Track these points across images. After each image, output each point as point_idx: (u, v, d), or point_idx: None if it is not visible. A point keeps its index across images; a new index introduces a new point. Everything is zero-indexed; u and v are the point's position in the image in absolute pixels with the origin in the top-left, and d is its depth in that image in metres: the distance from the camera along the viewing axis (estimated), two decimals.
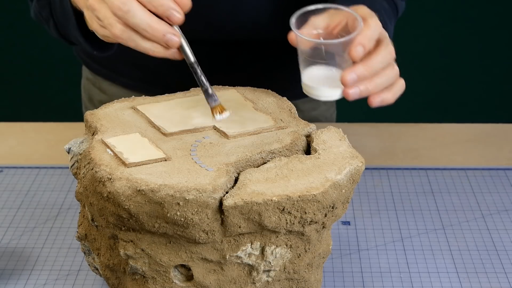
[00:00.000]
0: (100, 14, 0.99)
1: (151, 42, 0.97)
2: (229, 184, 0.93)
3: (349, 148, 1.00)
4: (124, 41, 0.98)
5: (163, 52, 0.98)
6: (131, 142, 1.00)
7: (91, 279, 1.10)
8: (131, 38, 0.97)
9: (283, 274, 0.98)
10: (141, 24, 0.96)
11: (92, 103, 1.58)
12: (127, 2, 0.95)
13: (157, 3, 0.95)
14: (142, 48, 0.98)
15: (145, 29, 0.96)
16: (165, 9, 0.95)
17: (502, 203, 1.28)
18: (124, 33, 0.97)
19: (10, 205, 1.28)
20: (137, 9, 0.96)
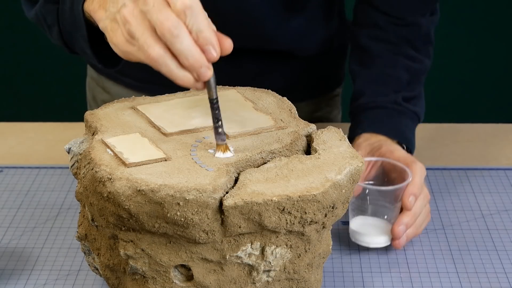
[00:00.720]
0: (136, 31, 0.94)
1: (184, 71, 0.94)
2: (229, 184, 0.93)
3: (349, 148, 1.00)
4: (157, 65, 0.94)
5: (192, 83, 0.95)
6: (131, 142, 1.00)
7: (91, 279, 1.10)
8: (167, 63, 0.94)
9: (283, 274, 0.98)
10: (185, 52, 0.92)
11: (95, 102, 1.58)
12: (178, 26, 0.92)
13: (202, 34, 0.92)
14: (174, 75, 0.94)
15: (187, 57, 0.93)
16: (206, 42, 0.93)
17: (502, 203, 1.28)
18: (162, 57, 0.93)
19: (10, 205, 1.28)
20: (185, 36, 0.92)
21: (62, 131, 1.51)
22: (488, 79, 2.93)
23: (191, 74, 0.94)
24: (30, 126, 1.54)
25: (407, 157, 1.19)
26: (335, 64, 1.55)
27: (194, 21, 0.92)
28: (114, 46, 0.99)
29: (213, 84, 0.97)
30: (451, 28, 2.83)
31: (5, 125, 1.54)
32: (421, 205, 1.16)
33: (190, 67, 0.93)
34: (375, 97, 1.30)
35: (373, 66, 1.34)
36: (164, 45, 0.93)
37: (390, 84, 1.32)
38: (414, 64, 1.34)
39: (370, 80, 1.33)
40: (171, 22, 0.92)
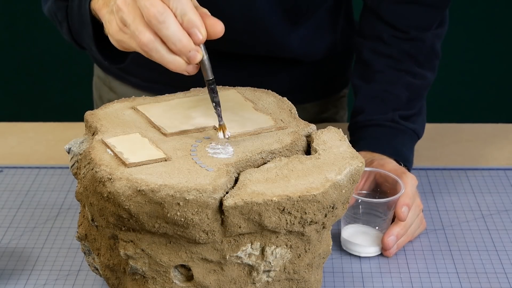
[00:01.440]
0: (127, 18, 0.96)
1: (174, 56, 0.96)
2: (229, 184, 0.93)
3: (349, 148, 1.00)
4: (148, 50, 0.96)
5: (184, 67, 0.97)
6: (131, 142, 1.00)
7: (91, 279, 1.10)
8: (157, 49, 0.95)
9: (283, 274, 0.98)
10: (172, 37, 0.94)
11: (102, 101, 1.58)
12: (164, 12, 0.93)
13: (186, 17, 0.94)
14: (165, 60, 0.96)
15: (175, 43, 0.94)
16: (191, 25, 0.94)
17: (502, 203, 1.28)
18: (152, 43, 0.95)
19: (10, 205, 1.28)
20: (172, 22, 0.94)
21: (62, 131, 1.51)
22: (488, 79, 2.92)
23: (181, 58, 0.95)
24: (30, 126, 1.54)
25: (397, 168, 1.20)
26: (342, 66, 1.54)
27: (177, 5, 0.93)
28: (110, 36, 1.01)
29: (207, 65, 0.98)
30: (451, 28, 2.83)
31: (5, 125, 1.54)
32: (413, 215, 1.17)
33: (179, 52, 0.95)
34: (373, 115, 1.31)
35: (374, 82, 1.34)
36: (153, 31, 0.95)
37: (389, 101, 1.31)
38: (416, 80, 1.33)
39: (370, 97, 1.33)
40: (157, 8, 0.93)
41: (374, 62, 1.35)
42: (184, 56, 0.95)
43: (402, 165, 1.26)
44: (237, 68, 1.40)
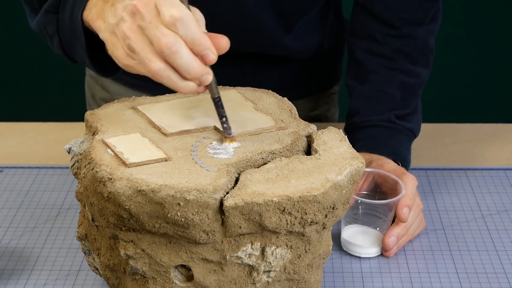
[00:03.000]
0: (136, 46, 0.96)
1: (187, 82, 0.96)
2: (230, 185, 0.93)
3: (349, 148, 1.00)
4: (160, 78, 0.95)
5: (195, 89, 0.97)
6: (131, 142, 1.00)
7: (91, 279, 1.10)
8: (169, 77, 0.95)
9: (283, 275, 0.98)
10: (185, 66, 0.94)
11: (94, 100, 1.59)
12: (176, 42, 0.93)
13: (197, 42, 0.93)
14: (178, 86, 0.96)
15: (189, 71, 0.94)
16: (202, 48, 0.94)
17: (502, 203, 1.28)
18: (163, 72, 0.95)
19: (10, 205, 1.28)
20: (185, 51, 0.93)
21: (62, 131, 1.51)
22: (488, 79, 2.92)
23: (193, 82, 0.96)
24: (30, 126, 1.54)
25: (397, 169, 1.20)
26: (332, 63, 1.55)
27: (187, 32, 0.93)
28: (116, 59, 1.00)
29: (214, 84, 0.98)
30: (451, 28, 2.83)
31: (5, 125, 1.54)
32: (414, 215, 1.17)
33: (192, 78, 0.95)
34: (369, 116, 1.31)
35: (368, 82, 1.34)
36: (164, 60, 0.94)
37: (384, 101, 1.31)
38: (410, 78, 1.33)
39: (365, 98, 1.33)
40: (168, 38, 0.93)
41: (367, 62, 1.35)
42: (197, 80, 0.96)
43: (400, 165, 1.26)
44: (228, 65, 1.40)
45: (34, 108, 2.92)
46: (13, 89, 2.92)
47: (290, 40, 1.40)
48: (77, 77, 2.85)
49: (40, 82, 2.90)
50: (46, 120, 1.61)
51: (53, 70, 2.87)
